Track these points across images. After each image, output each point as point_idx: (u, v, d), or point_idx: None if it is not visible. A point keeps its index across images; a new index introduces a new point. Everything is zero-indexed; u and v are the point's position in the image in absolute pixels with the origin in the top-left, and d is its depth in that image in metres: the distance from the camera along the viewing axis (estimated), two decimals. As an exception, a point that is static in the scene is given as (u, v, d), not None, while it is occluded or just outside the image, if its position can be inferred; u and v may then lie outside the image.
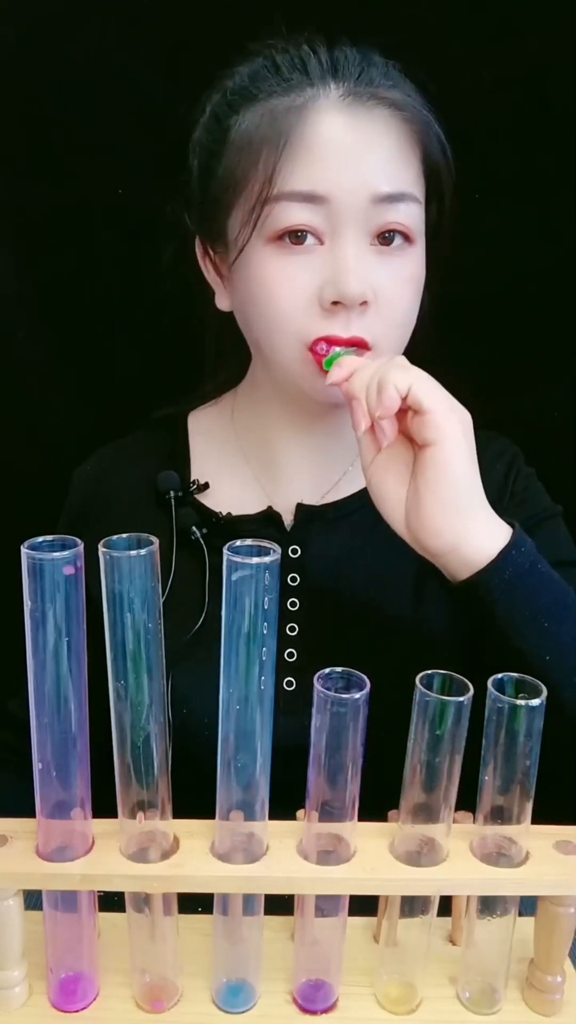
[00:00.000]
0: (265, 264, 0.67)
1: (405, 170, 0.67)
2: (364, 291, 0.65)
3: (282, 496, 0.77)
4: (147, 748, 0.49)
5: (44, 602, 0.45)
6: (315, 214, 0.65)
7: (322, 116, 0.65)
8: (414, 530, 0.62)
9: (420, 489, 0.60)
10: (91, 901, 0.53)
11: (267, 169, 0.65)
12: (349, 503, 0.76)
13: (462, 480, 0.60)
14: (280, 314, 0.67)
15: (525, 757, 0.48)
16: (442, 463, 0.59)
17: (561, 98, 0.85)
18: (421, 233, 0.69)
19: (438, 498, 0.60)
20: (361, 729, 0.48)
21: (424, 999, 0.54)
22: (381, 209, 0.65)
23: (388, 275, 0.67)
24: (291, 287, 0.66)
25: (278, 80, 0.66)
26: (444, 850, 0.51)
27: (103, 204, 0.90)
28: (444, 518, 0.60)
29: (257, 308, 0.69)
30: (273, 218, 0.66)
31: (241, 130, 0.67)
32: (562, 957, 0.53)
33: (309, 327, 0.66)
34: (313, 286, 0.66)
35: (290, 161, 0.65)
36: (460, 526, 0.60)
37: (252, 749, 0.49)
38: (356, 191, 0.65)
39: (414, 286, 0.70)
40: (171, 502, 0.76)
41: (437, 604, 0.73)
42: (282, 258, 0.66)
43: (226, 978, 0.54)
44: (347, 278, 0.64)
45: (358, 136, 0.65)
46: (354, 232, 0.65)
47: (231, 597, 0.46)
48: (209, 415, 0.83)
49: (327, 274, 0.65)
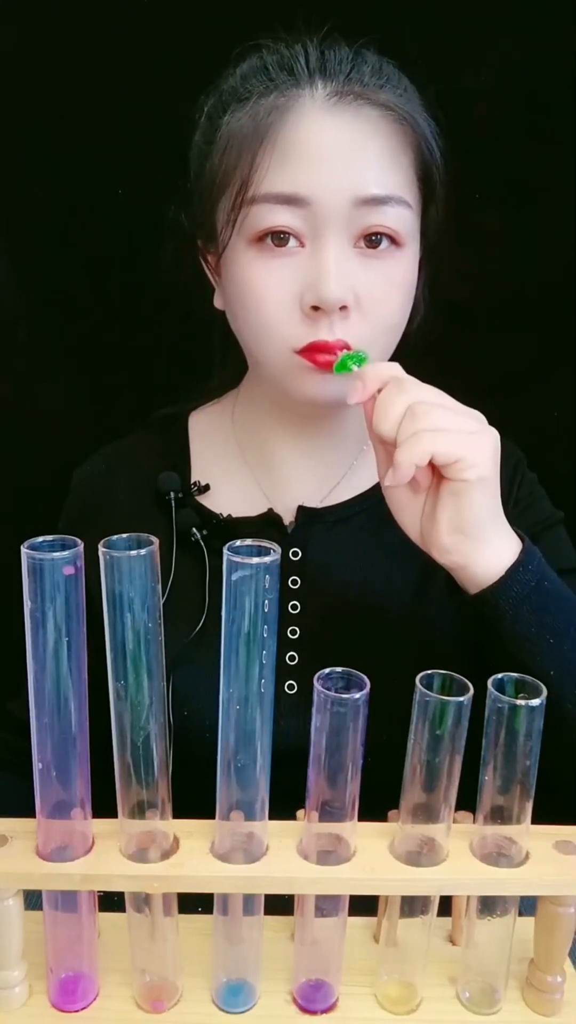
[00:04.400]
0: (247, 266, 0.66)
1: (393, 172, 0.66)
2: (343, 296, 0.64)
3: (282, 498, 0.77)
4: (147, 748, 0.49)
5: (44, 602, 0.45)
6: (296, 216, 0.64)
7: (305, 116, 0.64)
8: (426, 542, 0.62)
9: (439, 511, 0.60)
10: (91, 901, 0.53)
11: (247, 170, 0.64)
12: (350, 506, 0.76)
13: (484, 512, 0.60)
14: (263, 317, 0.67)
15: (525, 757, 0.48)
16: (466, 498, 0.59)
17: (561, 98, 0.85)
18: (412, 236, 0.68)
19: (455, 526, 0.60)
20: (361, 729, 0.48)
21: (424, 999, 0.54)
22: (365, 212, 0.64)
23: (373, 278, 0.66)
24: (272, 290, 0.66)
25: (266, 80, 0.66)
26: (444, 850, 0.51)
27: (103, 204, 0.90)
28: (457, 540, 0.60)
29: (241, 310, 0.68)
30: (253, 219, 0.65)
31: (227, 130, 0.66)
32: (562, 957, 0.53)
33: (293, 331, 0.66)
34: (294, 290, 0.65)
35: (270, 162, 0.64)
36: (472, 549, 0.60)
37: (252, 749, 0.49)
38: (338, 194, 0.63)
39: (402, 290, 0.68)
40: (171, 503, 0.76)
41: (439, 608, 0.73)
42: (264, 260, 0.66)
43: (226, 978, 0.54)
44: (326, 283, 0.63)
45: (342, 137, 0.64)
46: (336, 235, 0.64)
47: (231, 597, 0.46)
48: (210, 415, 0.83)
49: (308, 278, 0.64)
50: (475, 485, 0.58)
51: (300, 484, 0.77)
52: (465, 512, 0.59)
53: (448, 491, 0.59)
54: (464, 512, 0.59)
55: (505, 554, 0.61)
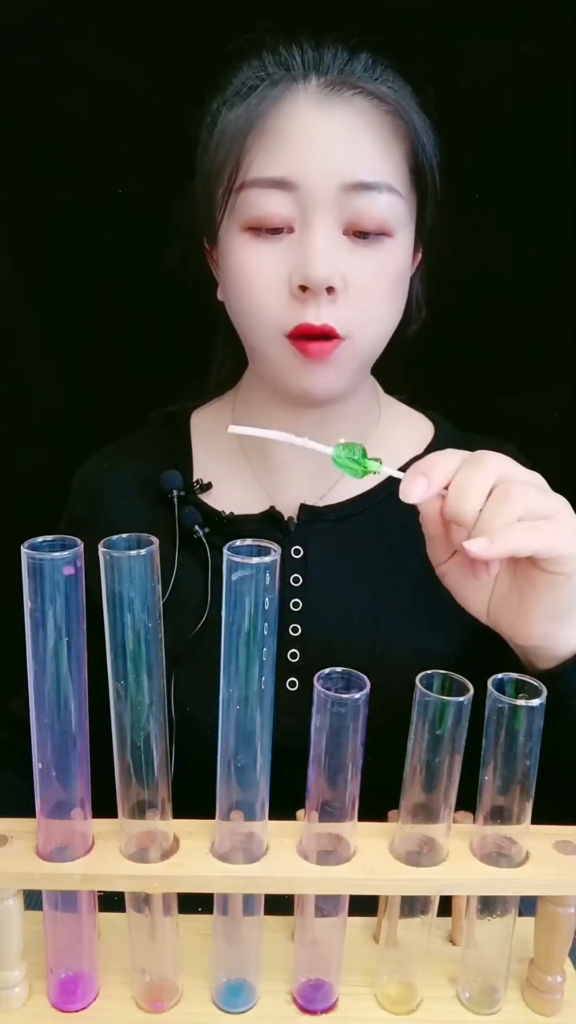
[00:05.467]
0: (238, 251, 0.67)
1: (383, 161, 0.66)
2: (330, 276, 0.64)
3: (282, 495, 0.77)
4: (147, 748, 0.49)
5: (44, 602, 0.45)
6: (285, 200, 0.65)
7: (298, 106, 0.65)
8: (497, 622, 0.59)
9: (529, 602, 0.57)
10: (91, 901, 0.53)
11: (238, 157, 0.65)
12: (352, 505, 0.76)
13: (573, 598, 0.56)
14: (253, 301, 0.67)
15: (525, 757, 0.48)
16: (563, 590, 0.55)
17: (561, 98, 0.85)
18: (402, 226, 0.68)
19: (551, 614, 0.57)
20: (361, 729, 0.48)
21: (424, 999, 0.54)
22: (355, 197, 0.65)
23: (362, 266, 0.66)
24: (262, 274, 0.66)
25: (262, 75, 0.67)
26: (444, 850, 0.51)
27: (103, 204, 0.90)
28: (542, 626, 0.57)
29: (234, 294, 0.69)
30: (244, 205, 0.66)
31: (223, 124, 0.67)
32: (562, 957, 0.53)
33: (281, 314, 0.66)
34: (283, 272, 0.66)
35: (260, 148, 0.65)
36: (553, 632, 0.58)
37: (252, 749, 0.49)
38: (327, 179, 0.64)
39: (392, 279, 0.69)
40: (174, 501, 0.76)
41: (440, 607, 0.73)
42: (255, 245, 0.67)
43: (226, 978, 0.54)
44: (313, 263, 0.64)
45: (331, 123, 0.65)
46: (324, 219, 0.65)
47: (231, 597, 0.46)
48: (211, 413, 0.83)
49: (296, 260, 0.65)
50: (572, 577, 0.55)
51: (301, 482, 0.77)
52: (563, 602, 0.56)
53: (543, 583, 0.55)
54: (561, 602, 0.56)
55: None
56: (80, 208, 0.91)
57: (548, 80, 0.84)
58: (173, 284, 0.80)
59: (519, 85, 0.85)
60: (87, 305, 0.96)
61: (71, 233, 0.92)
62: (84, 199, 0.90)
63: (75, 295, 0.95)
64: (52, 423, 0.99)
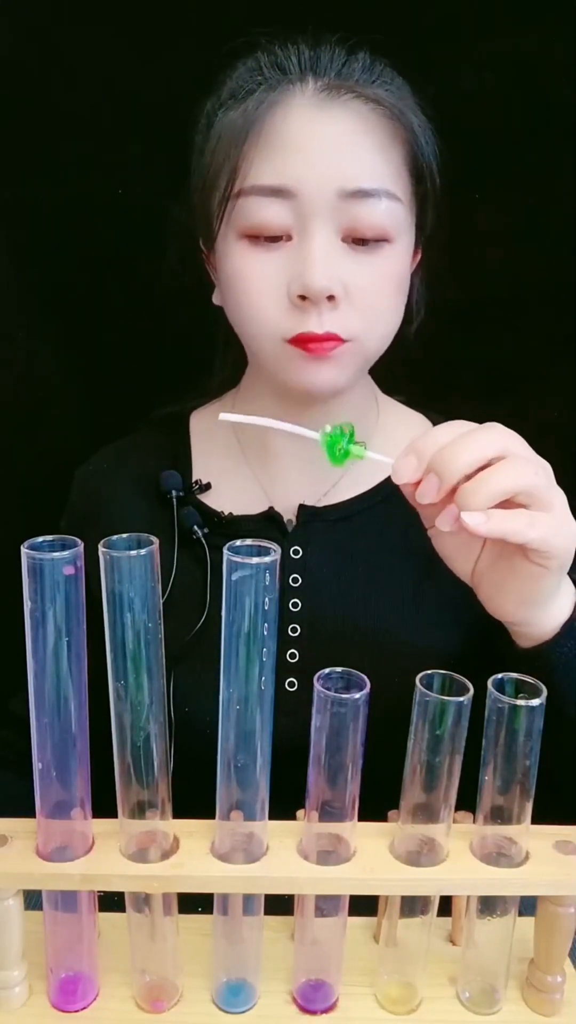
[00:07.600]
0: (236, 259, 0.67)
1: (383, 166, 0.66)
2: (329, 285, 0.64)
3: (281, 496, 0.77)
4: (147, 748, 0.49)
5: (44, 602, 0.45)
6: (283, 208, 0.64)
7: (294, 111, 0.64)
8: (481, 595, 0.60)
9: (508, 584, 0.58)
10: (91, 901, 0.53)
11: (236, 163, 0.65)
12: (352, 505, 0.76)
13: (552, 585, 0.57)
14: (252, 309, 0.67)
15: (525, 757, 0.48)
16: (543, 580, 0.56)
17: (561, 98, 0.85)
18: (402, 231, 0.68)
19: (518, 598, 0.58)
20: (361, 729, 0.48)
21: (424, 999, 0.54)
22: (352, 204, 0.64)
23: (363, 271, 0.66)
24: (261, 281, 0.66)
25: (258, 78, 0.66)
26: (444, 850, 0.51)
27: (103, 204, 0.90)
28: (517, 609, 0.59)
29: (233, 302, 0.69)
30: (241, 212, 0.65)
31: (219, 127, 0.67)
32: (562, 957, 0.53)
33: (281, 322, 0.66)
34: (282, 281, 0.65)
35: (258, 155, 0.64)
36: (529, 615, 0.59)
37: (252, 749, 0.49)
38: (325, 186, 0.64)
39: (393, 284, 0.68)
40: (173, 502, 0.76)
41: (439, 607, 0.73)
42: (253, 253, 0.66)
43: (226, 978, 0.54)
44: (311, 272, 0.63)
45: (330, 130, 0.64)
46: (323, 227, 0.64)
47: (231, 597, 0.46)
48: (211, 414, 0.83)
49: (295, 269, 0.65)
50: (555, 572, 0.56)
51: (300, 482, 0.77)
52: (540, 592, 0.57)
53: (526, 572, 0.56)
54: (538, 592, 0.57)
55: (561, 611, 0.60)
56: (80, 209, 0.91)
57: (548, 80, 0.84)
58: (173, 284, 0.80)
59: (519, 85, 0.85)
60: (87, 305, 0.96)
61: (71, 234, 0.92)
62: (84, 200, 0.90)
63: (75, 295, 0.95)
64: (52, 423, 1.00)
